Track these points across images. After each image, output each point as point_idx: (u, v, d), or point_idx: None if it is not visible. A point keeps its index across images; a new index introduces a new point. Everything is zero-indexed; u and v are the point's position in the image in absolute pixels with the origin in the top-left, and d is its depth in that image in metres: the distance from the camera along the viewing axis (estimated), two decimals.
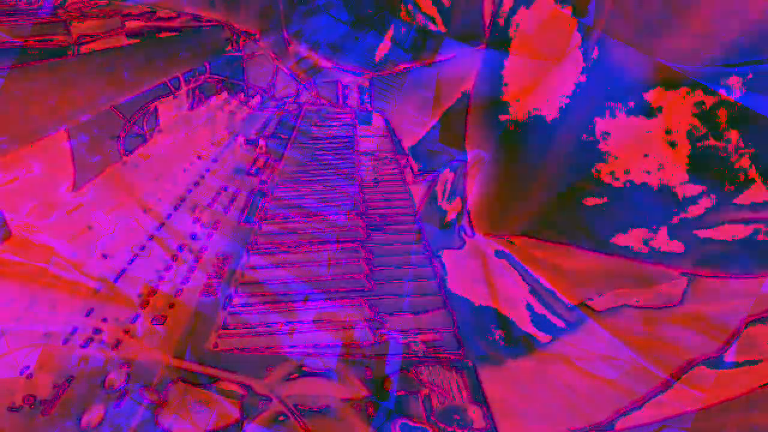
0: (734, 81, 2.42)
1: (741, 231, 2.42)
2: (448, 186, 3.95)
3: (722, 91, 2.44)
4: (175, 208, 3.28)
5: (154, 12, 4.40)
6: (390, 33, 5.55)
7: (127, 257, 2.67)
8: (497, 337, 2.61)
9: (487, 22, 3.80)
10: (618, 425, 2.33)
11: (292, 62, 6.07)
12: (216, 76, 4.98)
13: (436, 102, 4.87)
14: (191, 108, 4.40)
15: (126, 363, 2.16)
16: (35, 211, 2.32)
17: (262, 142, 4.90)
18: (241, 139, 4.88)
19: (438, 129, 4.98)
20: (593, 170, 2.82)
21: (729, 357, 2.34)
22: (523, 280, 2.87)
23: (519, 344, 2.59)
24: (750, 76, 2.41)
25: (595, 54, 2.82)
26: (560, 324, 2.65)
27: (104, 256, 2.53)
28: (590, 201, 2.80)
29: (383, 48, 5.73)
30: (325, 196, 3.93)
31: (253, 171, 4.37)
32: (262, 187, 4.04)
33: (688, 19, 2.41)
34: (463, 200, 3.45)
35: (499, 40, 3.62)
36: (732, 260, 2.43)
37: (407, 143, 5.40)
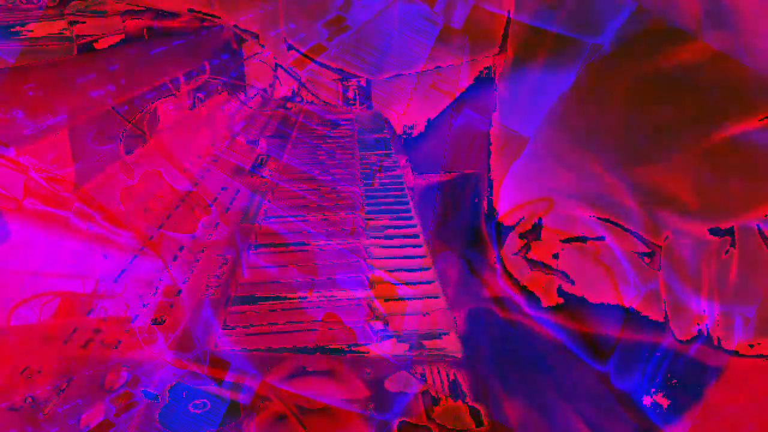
0: None
1: None
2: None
3: None
4: (176, 208, 3.28)
5: (156, 12, 4.40)
6: None
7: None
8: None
9: None
10: None
11: (292, 61, 6.06)
12: (216, 76, 4.98)
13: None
14: (191, 108, 4.40)
15: (126, 363, 2.16)
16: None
17: (262, 142, 4.90)
18: (241, 139, 4.88)
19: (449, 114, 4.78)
20: None
21: None
22: None
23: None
24: None
25: None
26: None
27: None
28: None
29: (417, 11, 5.69)
30: (325, 195, 3.93)
31: (253, 171, 4.37)
32: (263, 187, 4.04)
33: None
34: (548, 269, 2.77)
35: None
36: None
37: (407, 141, 5.39)
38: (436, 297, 2.73)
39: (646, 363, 2.32)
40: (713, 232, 2.31)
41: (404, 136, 5.71)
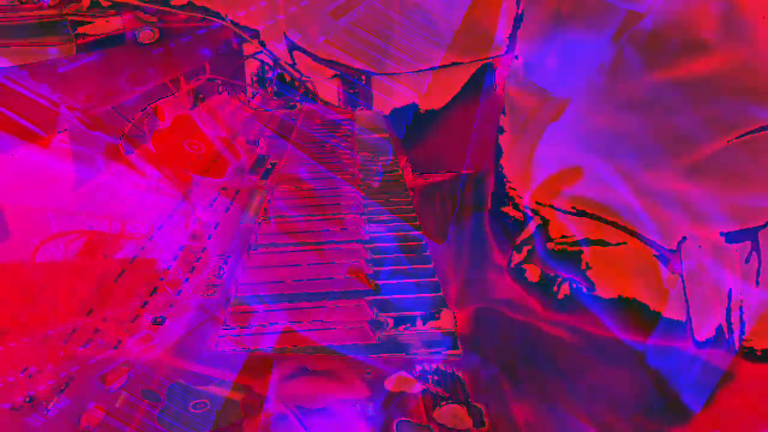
0: None
1: None
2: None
3: None
4: (176, 208, 3.28)
5: (155, 12, 4.39)
6: None
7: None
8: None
9: None
10: None
11: (292, 61, 6.06)
12: (216, 76, 4.98)
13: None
14: (191, 108, 4.40)
15: (126, 363, 2.16)
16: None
17: (262, 142, 4.90)
18: (241, 139, 4.88)
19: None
20: None
21: None
22: None
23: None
24: None
25: None
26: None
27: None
28: None
29: None
30: (325, 195, 3.93)
31: (253, 171, 4.37)
32: (263, 187, 4.04)
33: None
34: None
35: None
36: None
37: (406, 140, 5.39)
38: (438, 297, 2.73)
39: (683, 350, 2.27)
40: (730, 237, 2.29)
41: (405, 135, 5.70)
